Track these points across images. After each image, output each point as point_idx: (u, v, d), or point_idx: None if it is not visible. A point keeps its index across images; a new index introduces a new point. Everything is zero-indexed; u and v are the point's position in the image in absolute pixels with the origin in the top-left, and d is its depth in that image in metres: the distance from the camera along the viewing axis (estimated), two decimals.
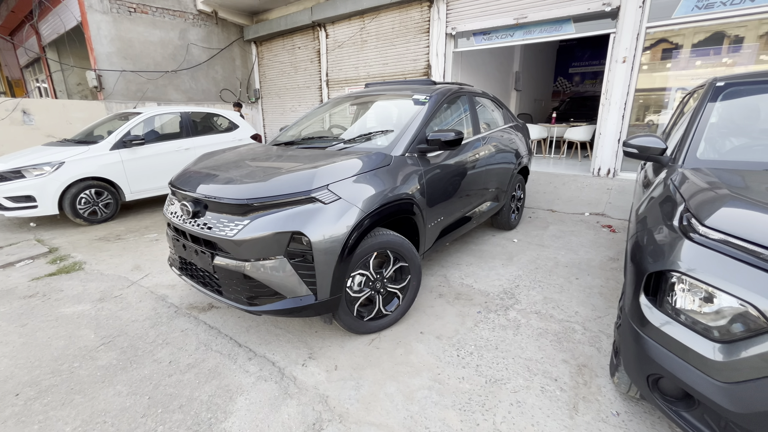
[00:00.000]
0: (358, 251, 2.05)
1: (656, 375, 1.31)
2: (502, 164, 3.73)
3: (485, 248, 3.76)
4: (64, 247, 3.97)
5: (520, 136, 4.31)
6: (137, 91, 8.82)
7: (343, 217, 1.94)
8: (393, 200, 2.22)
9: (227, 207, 1.95)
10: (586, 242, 3.90)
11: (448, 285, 2.99)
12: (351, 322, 2.18)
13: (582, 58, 13.11)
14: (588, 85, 13.20)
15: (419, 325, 2.42)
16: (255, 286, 1.95)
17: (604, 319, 2.47)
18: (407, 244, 2.31)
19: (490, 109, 3.98)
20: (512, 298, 2.77)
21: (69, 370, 2.03)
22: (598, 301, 2.70)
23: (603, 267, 3.29)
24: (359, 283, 2.19)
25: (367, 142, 2.63)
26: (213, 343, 2.24)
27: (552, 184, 5.94)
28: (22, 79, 14.04)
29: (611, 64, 5.47)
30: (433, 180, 2.61)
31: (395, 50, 7.82)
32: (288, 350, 2.18)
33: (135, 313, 2.60)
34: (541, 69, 12.40)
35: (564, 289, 2.90)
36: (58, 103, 7.75)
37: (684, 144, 2.02)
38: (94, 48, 8.10)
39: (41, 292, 2.94)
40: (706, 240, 1.25)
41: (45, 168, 4.34)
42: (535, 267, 3.31)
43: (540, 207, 5.24)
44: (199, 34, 9.74)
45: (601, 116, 5.69)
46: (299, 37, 9.56)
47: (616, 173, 5.74)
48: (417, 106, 2.82)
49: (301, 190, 1.90)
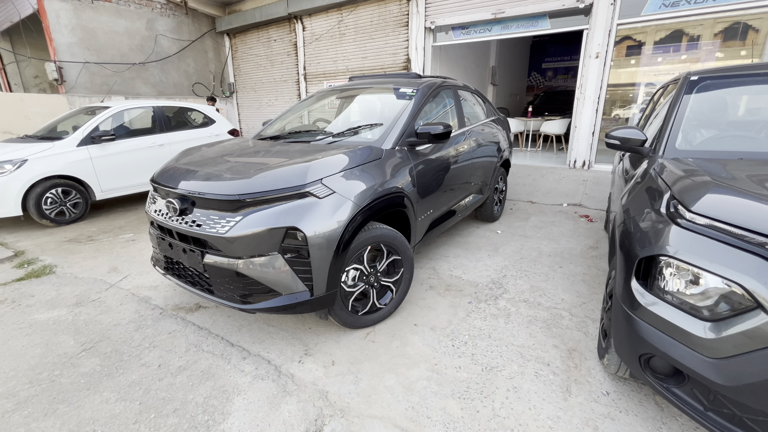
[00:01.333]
0: (353, 245, 2.04)
1: (648, 354, 1.38)
2: (486, 157, 3.80)
3: (471, 240, 3.83)
4: (31, 250, 3.73)
5: (502, 129, 4.39)
6: (102, 84, 8.36)
7: (338, 212, 1.92)
8: (385, 194, 2.22)
9: (218, 203, 1.89)
10: (567, 232, 4.04)
11: (438, 277, 3.03)
12: (346, 316, 2.17)
13: (555, 53, 13.48)
14: (560, 80, 13.61)
15: (413, 318, 2.44)
16: (248, 284, 1.90)
17: (588, 304, 2.57)
18: (400, 238, 2.32)
19: (472, 103, 4.03)
20: (501, 287, 2.84)
21: (49, 379, 1.92)
22: (582, 288, 2.80)
23: (584, 255, 3.42)
24: (353, 278, 2.18)
25: (357, 135, 2.61)
26: (204, 343, 2.18)
27: (531, 177, 6.10)
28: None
29: (585, 59, 5.65)
30: (422, 173, 2.62)
31: (374, 44, 7.77)
32: (283, 348, 2.15)
33: (117, 316, 2.49)
34: (516, 64, 12.67)
35: (549, 277, 3.00)
36: (15, 97, 7.23)
37: (663, 135, 2.11)
38: (53, 38, 7.60)
39: (10, 298, 2.75)
40: (693, 225, 1.32)
41: (5, 166, 4.05)
42: (520, 257, 3.40)
43: (520, 199, 5.37)
44: (168, 24, 9.33)
45: (576, 110, 5.89)
46: (275, 29, 9.32)
47: (591, 165, 5.96)
48: (404, 100, 2.82)
49: (294, 185, 1.86)
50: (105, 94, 8.36)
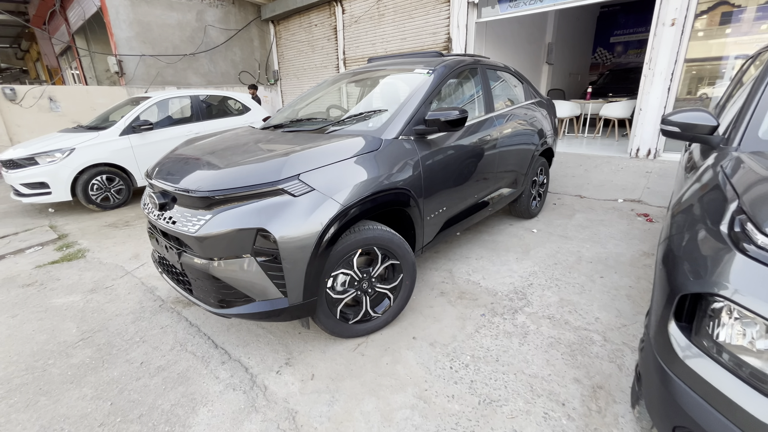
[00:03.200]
0: (337, 249, 1.81)
1: (685, 429, 1.00)
2: (521, 145, 3.33)
3: (500, 239, 3.42)
4: (73, 233, 4.01)
5: (544, 113, 3.85)
6: (157, 75, 8.87)
7: (317, 212, 1.69)
8: (382, 190, 1.95)
9: (190, 200, 1.76)
10: (617, 233, 3.46)
11: (453, 281, 2.71)
12: (333, 325, 1.97)
13: (626, 24, 11.87)
14: (632, 56, 12.00)
15: (413, 329, 2.18)
16: (221, 287, 1.77)
17: (629, 328, 2.12)
18: (398, 240, 2.04)
19: (510, 84, 3.55)
20: (523, 299, 2.46)
21: (42, 368, 1.96)
22: (625, 306, 2.33)
23: (634, 263, 2.88)
24: (343, 283, 1.96)
25: (358, 123, 2.35)
26: (189, 342, 2.11)
27: (582, 167, 5.40)
28: (59, 67, 14.63)
29: (657, 27, 4.77)
30: (433, 166, 2.30)
31: (414, 23, 7.32)
32: (265, 354, 2.01)
33: (121, 306, 2.53)
34: (578, 39, 11.35)
35: (585, 289, 2.55)
36: (83, 90, 7.92)
37: (742, 120, 1.59)
38: (113, 33, 8.16)
39: (40, 280, 2.94)
40: (766, 255, 0.90)
41: (56, 155, 4.39)
42: (553, 262, 2.95)
43: (567, 192, 4.76)
44: (216, 15, 9.60)
45: (643, 89, 5.04)
46: (316, 13, 9.20)
47: (657, 154, 5.11)
48: (417, 82, 2.49)
49: (267, 181, 1.67)
50: (159, 85, 8.87)
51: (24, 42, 19.00)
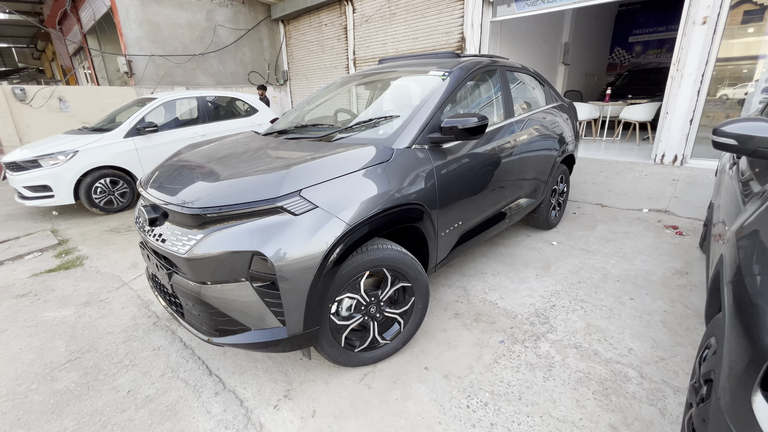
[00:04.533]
0: (342, 272, 1.63)
1: None
2: (542, 152, 3.11)
3: (517, 252, 3.20)
4: (74, 238, 3.91)
5: (566, 117, 3.61)
6: (166, 75, 8.81)
7: (320, 232, 1.51)
8: (393, 206, 1.76)
9: (181, 217, 1.59)
10: (645, 247, 3.21)
11: (468, 301, 2.51)
12: (337, 354, 1.79)
13: (646, 23, 11.45)
14: (651, 56, 11.58)
15: (425, 357, 1.98)
16: (214, 314, 1.60)
17: (669, 362, 1.89)
18: (409, 261, 1.85)
19: (530, 87, 3.32)
20: (545, 323, 2.24)
21: (24, 394, 1.82)
22: (661, 334, 2.10)
23: (667, 283, 2.63)
24: (348, 308, 1.78)
25: (368, 130, 2.16)
26: (182, 368, 1.95)
27: (603, 173, 5.13)
28: (72, 67, 14.77)
29: (686, 26, 4.49)
30: (448, 178, 2.10)
31: (426, 22, 7.10)
32: (263, 383, 1.84)
33: (114, 322, 2.38)
34: (596, 39, 10.99)
35: (614, 313, 2.32)
36: (92, 90, 7.89)
37: None
38: (123, 33, 8.12)
39: (34, 291, 2.82)
40: None
41: (59, 157, 4.29)
42: (577, 280, 2.72)
43: (587, 200, 4.51)
44: (226, 14, 9.52)
45: (670, 91, 4.75)
46: (326, 13, 9.04)
47: (685, 160, 4.81)
48: (432, 86, 2.29)
49: (264, 198, 1.49)
50: (168, 85, 8.82)
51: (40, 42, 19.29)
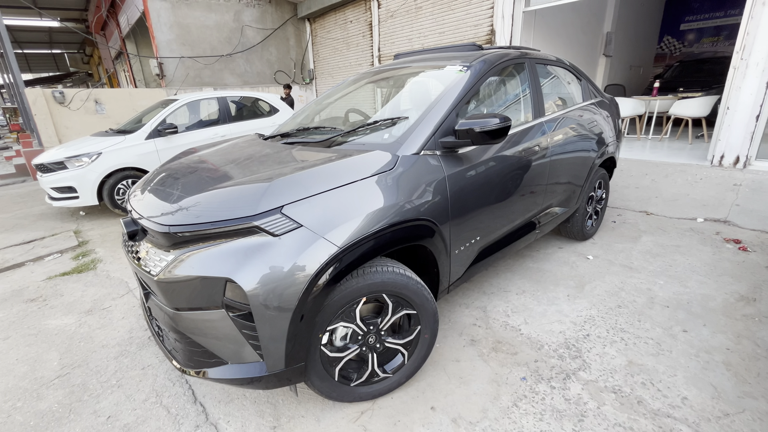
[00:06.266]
0: (333, 299, 1.40)
1: None
2: (578, 154, 2.74)
3: (547, 267, 2.86)
4: (94, 240, 3.95)
5: (606, 115, 3.20)
6: (195, 77, 8.99)
7: (304, 255, 1.29)
8: (394, 223, 1.52)
9: (153, 234, 1.43)
10: (700, 265, 2.77)
11: (487, 325, 2.22)
12: (330, 388, 1.57)
13: (700, 9, 10.42)
14: (707, 44, 10.53)
15: (432, 393, 1.73)
16: (188, 344, 1.43)
17: (735, 419, 1.53)
18: (414, 285, 1.60)
19: (564, 82, 2.95)
20: (577, 357, 1.92)
21: (8, 412, 1.74)
22: (724, 380, 1.72)
23: (729, 312, 2.22)
24: (343, 337, 1.56)
25: (373, 134, 1.92)
26: (167, 392, 1.81)
27: (649, 176, 4.60)
28: (115, 71, 15.55)
29: (754, 8, 3.89)
30: (464, 189, 1.82)
31: (453, 15, 6.75)
32: (249, 417, 1.65)
33: (110, 334, 2.30)
34: (642, 27, 10.11)
35: (662, 348, 1.95)
36: (125, 92, 8.17)
37: None
38: (155, 36, 8.34)
39: (44, 295, 2.82)
40: None
41: (84, 159, 4.37)
42: (616, 304, 2.36)
43: (629, 207, 4.04)
44: (253, 14, 9.58)
45: (732, 83, 4.16)
46: (351, 9, 8.87)
47: (749, 162, 4.21)
48: (448, 82, 2.01)
49: (239, 216, 1.29)
50: (197, 86, 8.99)
51: (87, 47, 20.54)
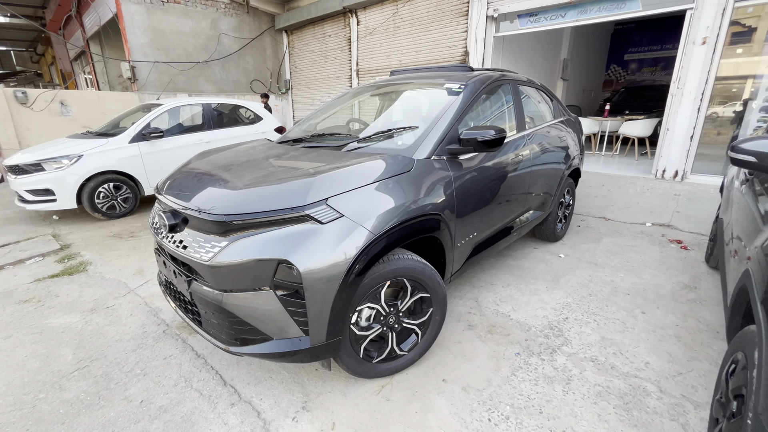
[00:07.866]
0: (365, 281, 1.62)
1: None
2: (551, 165, 3.15)
3: (525, 265, 3.21)
4: (76, 243, 3.85)
5: (572, 132, 3.67)
6: (169, 82, 8.82)
7: (346, 241, 1.51)
8: (414, 217, 1.77)
9: (204, 223, 1.58)
10: (651, 261, 3.24)
11: (480, 313, 2.50)
12: (356, 365, 1.77)
13: (641, 42, 11.76)
14: (647, 73, 11.87)
15: (442, 369, 1.97)
16: (235, 323, 1.57)
17: (686, 377, 1.89)
18: (429, 272, 1.85)
19: (537, 101, 3.38)
20: (560, 336, 2.24)
21: (32, 403, 1.77)
22: (676, 349, 2.11)
23: (676, 297, 2.65)
24: (368, 318, 1.76)
25: (386, 140, 2.17)
26: (195, 378, 1.91)
27: (605, 187, 5.19)
28: (72, 72, 14.73)
29: (686, 46, 4.61)
30: (465, 189, 2.11)
31: (430, 36, 7.23)
32: (280, 394, 1.80)
33: (122, 329, 2.33)
34: (593, 55, 11.26)
35: (627, 326, 2.32)
36: (94, 95, 7.87)
37: None
38: (128, 39, 8.14)
39: (37, 296, 2.76)
40: None
41: (63, 161, 4.25)
42: (587, 293, 2.73)
43: (590, 214, 4.55)
44: (231, 23, 9.60)
45: (670, 108, 4.86)
46: (330, 24, 9.16)
47: (685, 176, 4.90)
48: (449, 98, 2.32)
49: (291, 206, 1.49)
50: (171, 92, 8.82)
51: (40, 46, 19.27)
